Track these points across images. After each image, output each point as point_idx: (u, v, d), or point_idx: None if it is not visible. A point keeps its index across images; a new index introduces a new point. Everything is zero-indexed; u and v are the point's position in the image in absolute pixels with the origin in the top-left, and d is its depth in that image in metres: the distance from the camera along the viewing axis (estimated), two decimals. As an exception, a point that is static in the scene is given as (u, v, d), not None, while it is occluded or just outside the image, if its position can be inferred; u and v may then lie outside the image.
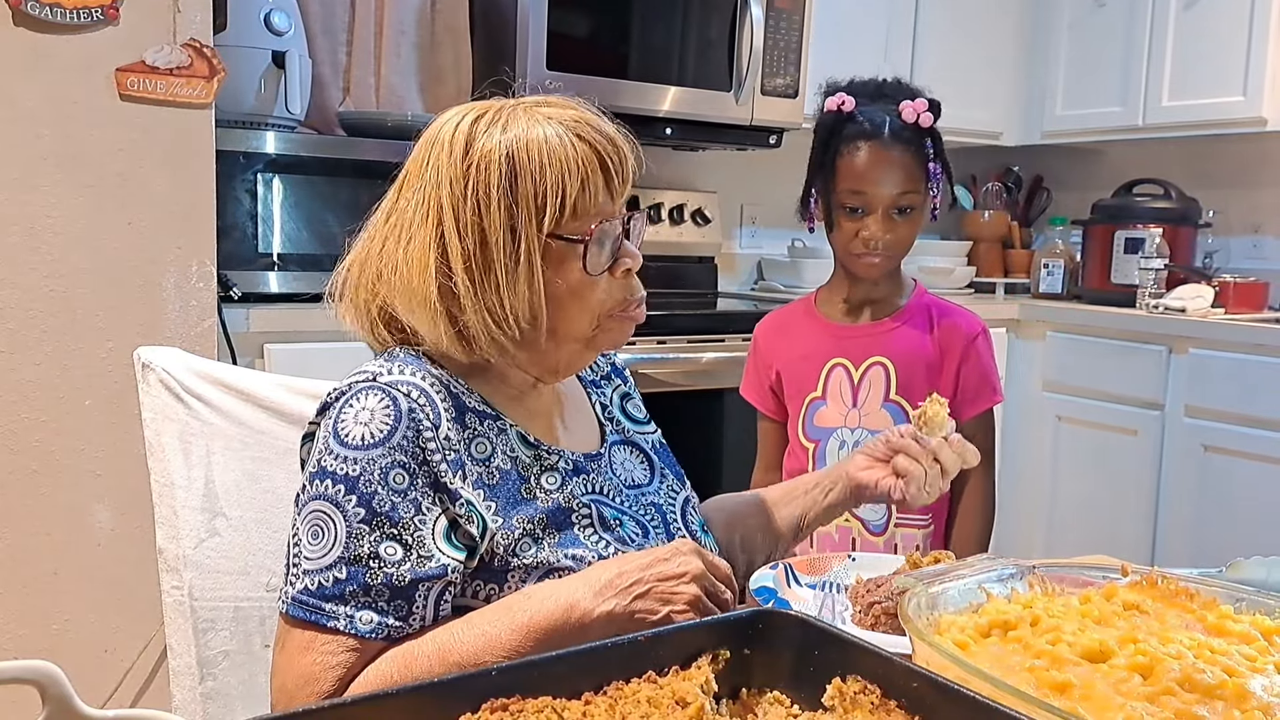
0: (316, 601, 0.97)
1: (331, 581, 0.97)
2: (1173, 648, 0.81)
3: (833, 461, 1.68)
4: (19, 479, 1.85)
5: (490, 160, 1.02)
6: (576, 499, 1.08)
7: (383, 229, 1.08)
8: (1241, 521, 2.81)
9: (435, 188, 1.04)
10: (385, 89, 2.74)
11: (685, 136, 2.94)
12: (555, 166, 1.02)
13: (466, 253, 1.02)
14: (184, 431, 1.21)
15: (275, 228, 2.28)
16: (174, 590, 1.18)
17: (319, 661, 0.96)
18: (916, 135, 1.66)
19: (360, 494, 0.98)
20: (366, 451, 0.99)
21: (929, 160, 1.66)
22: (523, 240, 1.02)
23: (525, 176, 1.02)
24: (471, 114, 1.07)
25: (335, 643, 0.96)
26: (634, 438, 1.23)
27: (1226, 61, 3.13)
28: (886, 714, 0.70)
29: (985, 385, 1.71)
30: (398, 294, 1.05)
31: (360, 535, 0.97)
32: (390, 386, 1.02)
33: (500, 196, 1.01)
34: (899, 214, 1.65)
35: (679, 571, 0.95)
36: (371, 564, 0.97)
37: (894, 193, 1.64)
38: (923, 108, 1.67)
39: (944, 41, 3.46)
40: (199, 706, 1.17)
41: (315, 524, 0.99)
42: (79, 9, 1.80)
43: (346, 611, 0.96)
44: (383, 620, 0.97)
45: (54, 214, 1.84)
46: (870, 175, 1.65)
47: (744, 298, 3.41)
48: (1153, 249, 3.23)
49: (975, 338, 1.71)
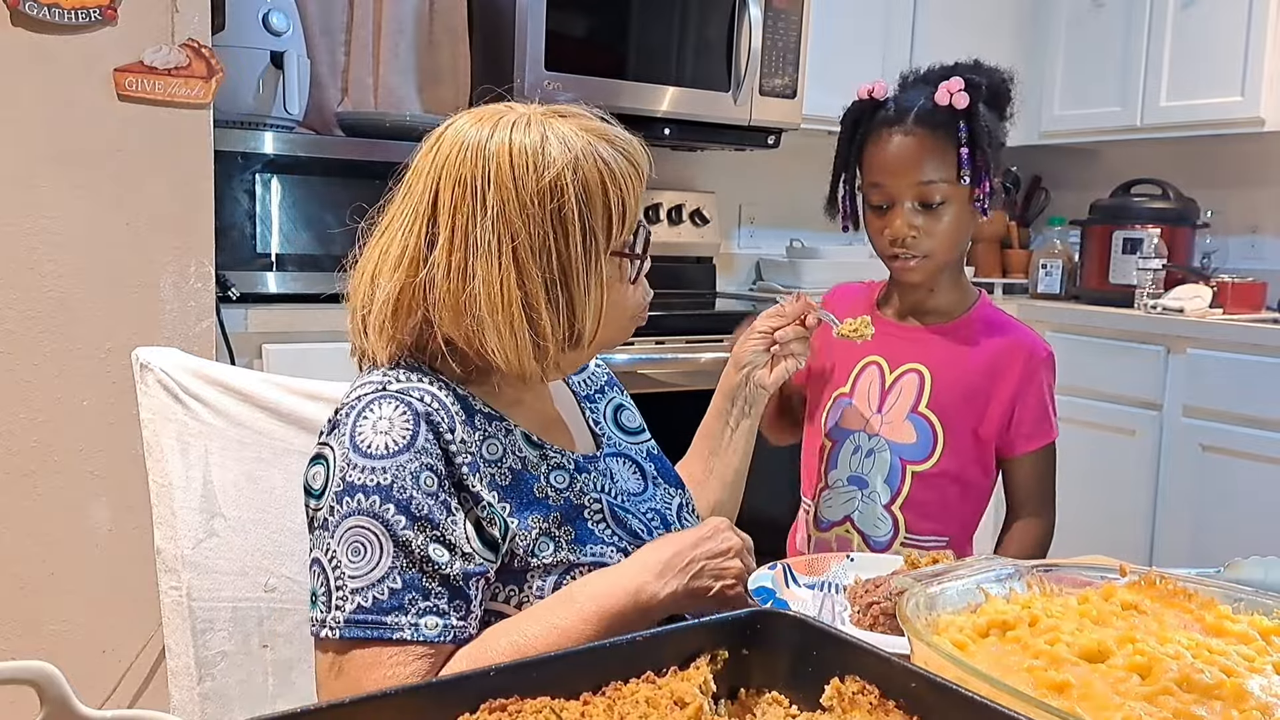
0: (376, 617, 0.94)
1: (387, 594, 0.94)
2: (1171, 648, 0.81)
3: (845, 467, 1.55)
4: (17, 479, 1.85)
5: (562, 183, 1.01)
6: (587, 495, 1.09)
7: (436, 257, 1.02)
8: (1240, 521, 2.82)
9: (508, 214, 1.01)
10: (384, 89, 2.74)
11: (684, 137, 2.94)
12: (616, 186, 1.04)
13: (547, 275, 1.02)
14: (182, 432, 1.21)
15: (273, 228, 2.28)
16: (172, 591, 1.18)
17: (391, 675, 0.93)
18: (949, 118, 1.46)
19: (397, 501, 0.96)
20: (394, 459, 0.97)
21: (961, 145, 1.46)
22: (594, 260, 1.03)
23: (596, 198, 1.02)
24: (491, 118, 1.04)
25: (403, 653, 0.94)
26: (625, 450, 1.23)
27: (1224, 62, 3.13)
28: (885, 714, 0.70)
29: (1045, 419, 1.55)
30: (473, 322, 1.01)
31: (407, 542, 0.95)
32: (403, 394, 1.01)
33: (576, 220, 1.02)
34: (926, 207, 1.47)
35: (724, 548, 1.02)
36: (426, 568, 0.96)
37: (916, 181, 1.46)
38: (956, 87, 1.45)
39: (942, 42, 3.46)
40: (197, 707, 1.17)
41: (355, 541, 0.96)
42: (77, 9, 1.80)
43: (410, 620, 0.94)
44: (447, 622, 0.96)
45: (52, 214, 1.83)
46: (890, 165, 1.48)
47: (742, 298, 3.41)
48: (1151, 249, 3.23)
49: (1040, 363, 1.53)
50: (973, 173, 1.47)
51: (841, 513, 1.55)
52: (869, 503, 1.53)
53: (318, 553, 0.98)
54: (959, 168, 1.46)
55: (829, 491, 1.57)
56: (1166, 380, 3.01)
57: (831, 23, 3.18)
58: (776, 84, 2.98)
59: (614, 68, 2.76)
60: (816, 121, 3.17)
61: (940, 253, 1.50)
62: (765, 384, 1.39)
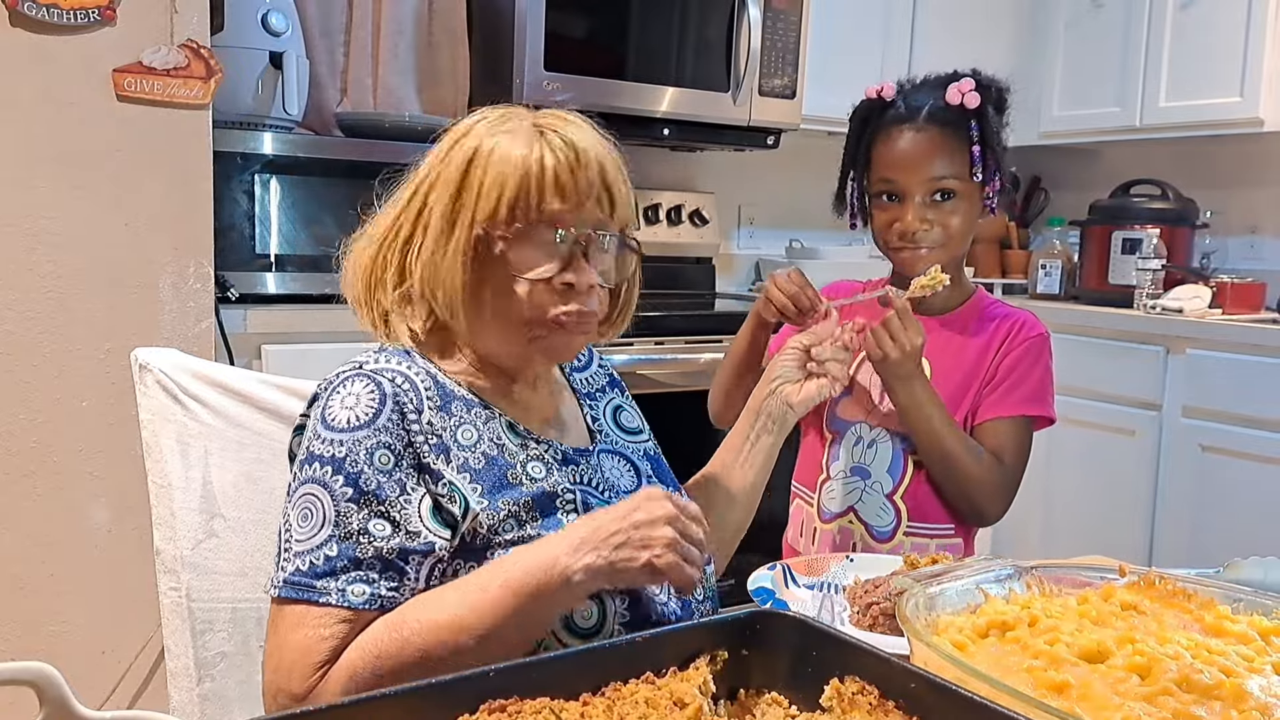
0: (308, 580, 0.98)
1: (322, 560, 0.98)
2: (1170, 648, 0.81)
3: (848, 458, 1.56)
4: (16, 480, 1.85)
5: (457, 154, 1.09)
6: (561, 486, 1.09)
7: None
8: (1239, 522, 2.82)
9: (425, 172, 1.11)
10: (383, 90, 2.74)
11: (683, 137, 2.94)
12: (500, 166, 1.06)
13: (411, 228, 1.10)
14: (181, 433, 1.21)
15: (272, 229, 2.28)
16: (171, 591, 1.18)
17: (311, 635, 0.97)
18: (961, 116, 1.49)
19: (347, 474, 1.00)
20: (352, 433, 1.02)
21: (973, 143, 1.49)
22: (456, 228, 1.07)
23: (475, 171, 1.07)
24: (483, 114, 1.13)
25: (328, 615, 0.97)
26: (621, 448, 1.23)
27: (1224, 62, 3.13)
28: (884, 714, 0.70)
29: (1019, 390, 1.51)
30: (359, 258, 1.14)
31: (349, 513, 0.99)
32: (375, 373, 1.06)
33: (449, 186, 1.08)
34: (936, 199, 1.49)
35: (651, 517, 0.96)
36: (361, 539, 0.99)
37: (929, 176, 1.48)
38: (968, 87, 1.49)
39: (941, 42, 3.46)
40: (196, 708, 1.17)
41: (304, 507, 1.01)
42: (76, 9, 1.80)
43: (338, 586, 0.98)
44: (375, 591, 0.98)
45: (51, 215, 1.83)
46: (903, 159, 1.50)
47: (742, 298, 3.41)
48: (1150, 249, 3.23)
49: (1029, 338, 1.54)
50: (984, 170, 1.49)
51: (845, 504, 1.56)
52: (872, 493, 1.54)
53: (284, 516, 1.04)
54: (971, 165, 1.49)
55: (831, 483, 1.58)
56: (1166, 380, 3.01)
57: (831, 23, 3.18)
58: (776, 84, 2.98)
59: (613, 68, 2.76)
60: (816, 122, 3.18)
61: (950, 246, 1.51)
62: (793, 402, 1.30)
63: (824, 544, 1.58)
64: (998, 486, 1.49)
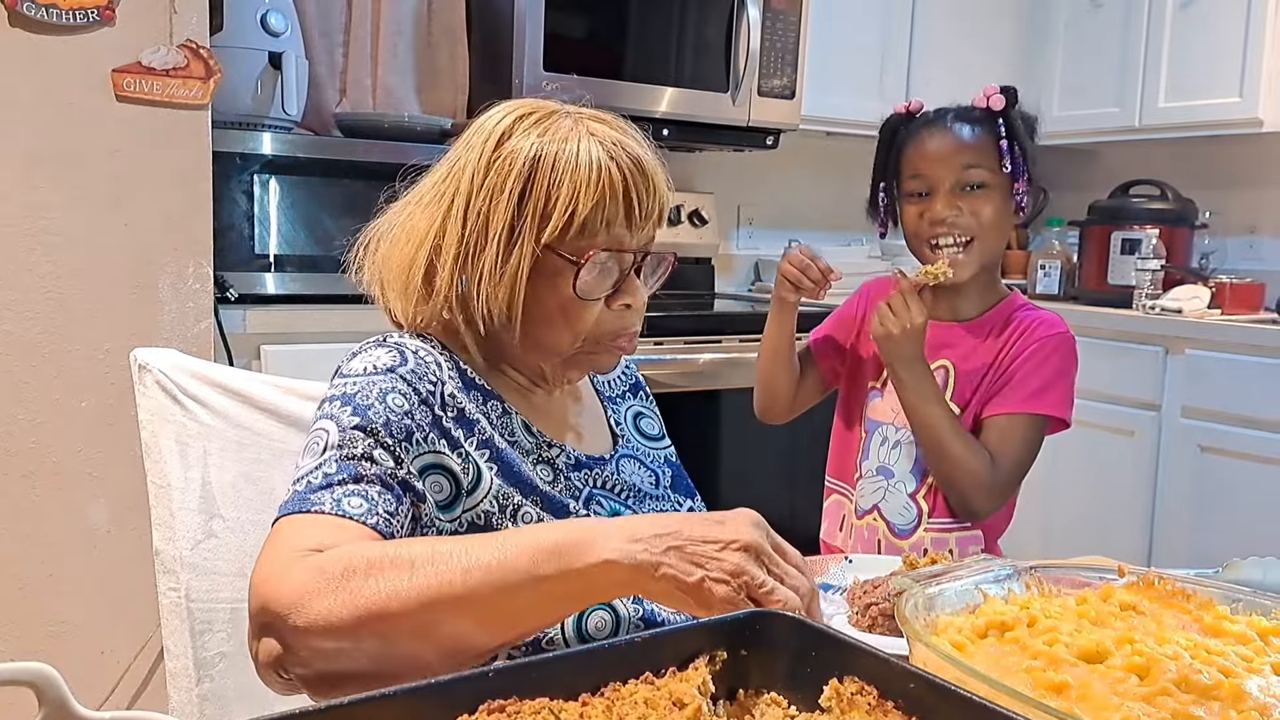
0: (302, 495, 0.91)
1: (320, 477, 0.92)
2: (1169, 648, 0.81)
3: (875, 458, 1.60)
4: (15, 480, 1.85)
5: (515, 159, 1.03)
6: (569, 491, 1.08)
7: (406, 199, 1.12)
8: (1238, 522, 2.82)
9: (461, 171, 1.05)
10: (382, 90, 2.74)
11: (682, 137, 2.94)
12: (573, 183, 1.01)
13: (463, 238, 1.04)
14: (181, 433, 1.21)
15: (272, 229, 2.28)
16: (171, 592, 1.18)
17: (301, 535, 0.87)
18: (987, 116, 1.55)
19: (355, 405, 0.97)
20: (367, 376, 1.00)
21: (1001, 138, 1.53)
22: (519, 244, 1.02)
23: (541, 183, 1.02)
24: (520, 110, 1.07)
25: (318, 522, 0.88)
26: (641, 455, 1.23)
27: (1223, 62, 3.13)
28: (884, 715, 0.70)
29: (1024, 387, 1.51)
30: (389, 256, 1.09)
31: (354, 440, 0.94)
32: (399, 344, 1.05)
33: (510, 196, 1.02)
34: (967, 190, 1.51)
35: (728, 538, 0.81)
36: (364, 463, 0.93)
37: (959, 165, 1.51)
38: (993, 91, 1.56)
39: (940, 42, 3.47)
40: (196, 708, 1.17)
41: (311, 442, 0.97)
42: (75, 10, 1.80)
43: (333, 497, 0.90)
44: (371, 507, 0.90)
45: (50, 215, 1.83)
46: (931, 154, 1.54)
47: (741, 299, 3.41)
48: (1149, 250, 3.24)
49: (1043, 337, 1.53)
50: (1012, 164, 1.52)
51: (871, 501, 1.60)
52: (895, 492, 1.58)
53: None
54: (1000, 158, 1.52)
55: (862, 481, 1.63)
56: (1165, 381, 3.01)
57: (830, 23, 3.18)
58: (775, 85, 2.98)
59: (612, 68, 2.76)
60: (815, 122, 3.18)
61: (983, 239, 1.52)
62: None
63: (858, 539, 1.62)
64: (987, 482, 1.48)
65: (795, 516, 1.71)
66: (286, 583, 0.82)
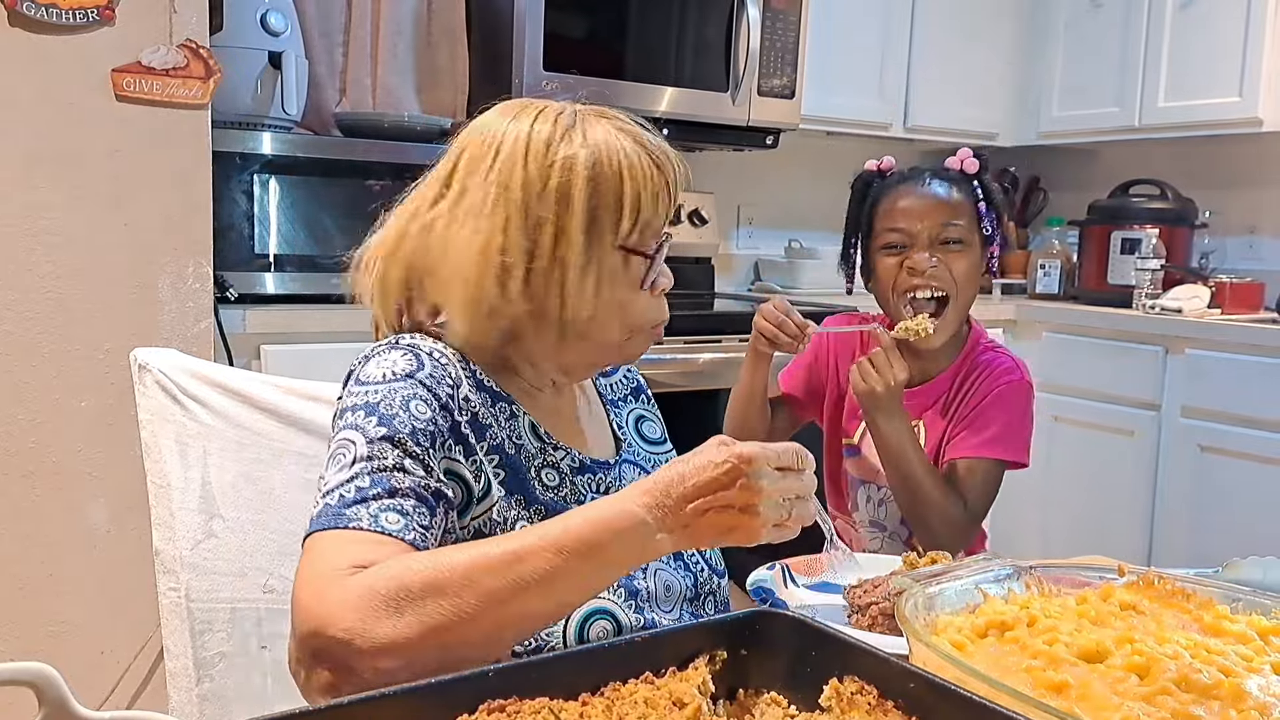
0: (336, 510, 0.91)
1: (353, 491, 0.92)
2: (1169, 648, 0.81)
3: (864, 512, 1.70)
4: (15, 480, 1.85)
5: (575, 164, 1.03)
6: (573, 498, 1.08)
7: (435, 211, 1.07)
8: (1238, 521, 2.82)
9: (508, 180, 1.04)
10: (382, 90, 2.74)
11: (682, 137, 2.94)
12: (633, 181, 1.04)
13: (535, 248, 1.03)
14: (180, 433, 1.21)
15: (272, 229, 2.28)
16: (170, 592, 1.18)
17: (339, 552, 0.87)
18: (963, 178, 1.60)
19: (381, 415, 0.97)
20: (388, 384, 0.99)
21: (978, 201, 1.59)
22: (598, 248, 1.04)
23: (606, 187, 1.04)
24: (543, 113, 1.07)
25: (357, 538, 0.89)
26: (642, 460, 1.23)
27: (1223, 62, 3.13)
28: (883, 714, 0.70)
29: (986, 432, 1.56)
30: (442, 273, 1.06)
31: (383, 451, 0.95)
32: (414, 345, 1.04)
33: (583, 201, 1.03)
34: (945, 245, 1.55)
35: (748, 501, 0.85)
36: (396, 474, 0.93)
37: (938, 222, 1.55)
38: (967, 154, 1.61)
39: (940, 42, 3.46)
40: (195, 708, 1.17)
41: (336, 453, 0.96)
42: (75, 9, 1.80)
43: (369, 512, 0.90)
44: (408, 522, 0.91)
45: (50, 215, 1.83)
46: (911, 210, 1.56)
47: (741, 298, 3.41)
48: (1149, 249, 3.24)
49: (1005, 384, 1.59)
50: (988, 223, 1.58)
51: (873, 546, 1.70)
52: (892, 541, 1.66)
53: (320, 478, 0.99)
54: (978, 219, 1.57)
55: (858, 529, 1.72)
56: (1165, 380, 3.01)
57: (830, 23, 3.18)
58: (775, 84, 2.98)
59: (612, 68, 2.76)
60: (815, 122, 3.18)
61: (958, 299, 1.56)
62: None
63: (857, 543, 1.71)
64: (958, 524, 1.54)
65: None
66: (341, 606, 0.82)
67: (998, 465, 1.58)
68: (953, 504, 1.53)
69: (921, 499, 1.53)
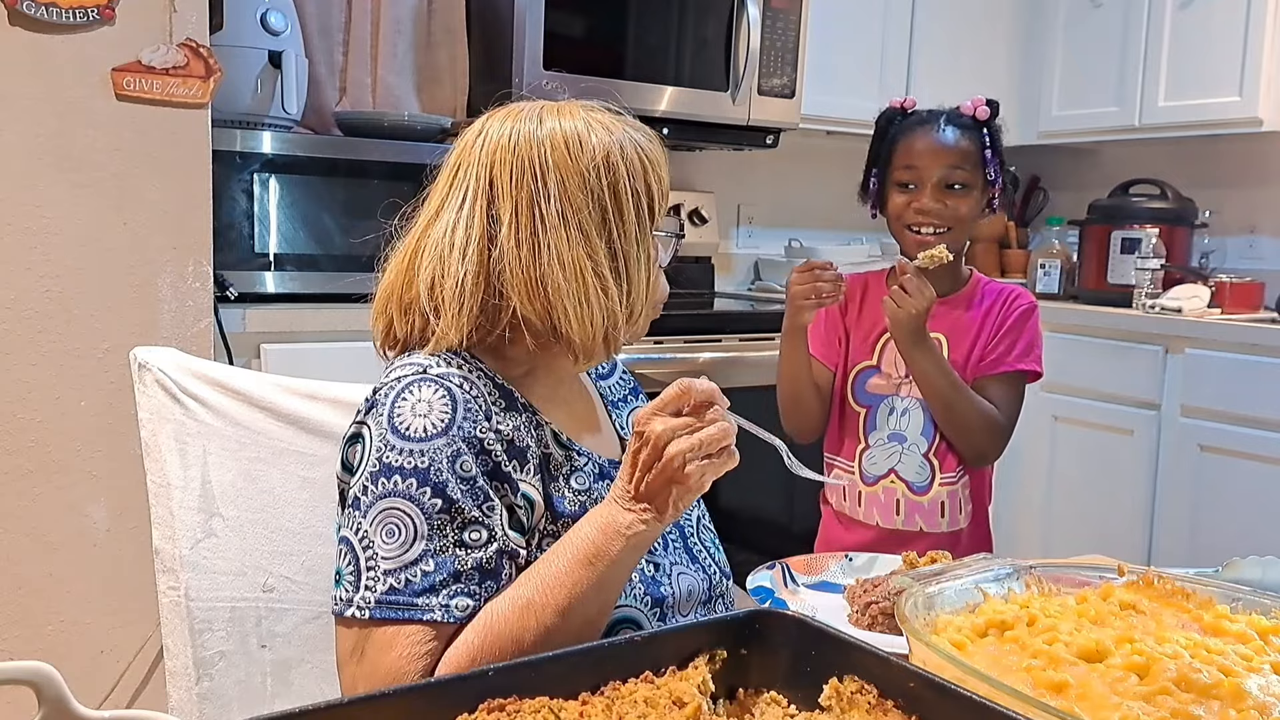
0: (407, 599, 0.94)
1: (419, 576, 0.95)
2: (1169, 647, 0.81)
3: (884, 427, 1.77)
4: (15, 480, 1.85)
5: (614, 160, 1.06)
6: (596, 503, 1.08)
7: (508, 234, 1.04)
8: (1237, 521, 2.82)
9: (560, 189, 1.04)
10: (382, 89, 2.74)
11: (682, 136, 2.94)
12: (655, 169, 1.09)
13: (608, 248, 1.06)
14: (180, 432, 1.21)
15: (271, 228, 2.28)
16: (170, 591, 1.18)
17: (404, 654, 0.93)
18: (974, 125, 1.76)
19: (434, 485, 0.97)
20: (430, 442, 0.98)
21: (985, 148, 1.75)
22: (645, 234, 1.09)
23: (639, 177, 1.08)
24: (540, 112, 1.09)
25: (425, 633, 0.94)
26: None
27: (1222, 61, 3.13)
28: (883, 714, 0.70)
29: (1014, 349, 1.75)
30: (560, 291, 1.04)
31: (442, 525, 0.97)
32: (443, 378, 1.02)
33: (629, 195, 1.06)
34: (950, 189, 1.72)
35: (655, 449, 0.92)
36: (459, 551, 0.96)
37: (946, 165, 1.72)
38: (981, 102, 1.77)
39: (940, 41, 3.46)
40: (195, 707, 1.17)
41: (389, 523, 0.97)
42: (74, 8, 1.80)
43: (440, 602, 0.94)
44: (477, 605, 0.96)
45: (50, 214, 1.83)
46: (924, 152, 1.74)
47: (741, 298, 3.41)
48: (1149, 249, 3.23)
49: (1018, 308, 1.78)
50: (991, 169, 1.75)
51: (885, 466, 1.77)
52: (910, 454, 1.76)
53: (347, 531, 0.99)
54: (983, 165, 1.75)
55: (871, 450, 1.79)
56: (1164, 380, 3.01)
57: (830, 23, 3.18)
58: (775, 84, 2.98)
59: (612, 67, 2.76)
60: (815, 121, 3.18)
61: (956, 232, 1.74)
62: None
63: (870, 505, 1.78)
64: (996, 430, 1.72)
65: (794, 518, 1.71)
66: None
67: (1025, 377, 1.76)
68: (988, 411, 1.71)
69: (960, 410, 1.69)
